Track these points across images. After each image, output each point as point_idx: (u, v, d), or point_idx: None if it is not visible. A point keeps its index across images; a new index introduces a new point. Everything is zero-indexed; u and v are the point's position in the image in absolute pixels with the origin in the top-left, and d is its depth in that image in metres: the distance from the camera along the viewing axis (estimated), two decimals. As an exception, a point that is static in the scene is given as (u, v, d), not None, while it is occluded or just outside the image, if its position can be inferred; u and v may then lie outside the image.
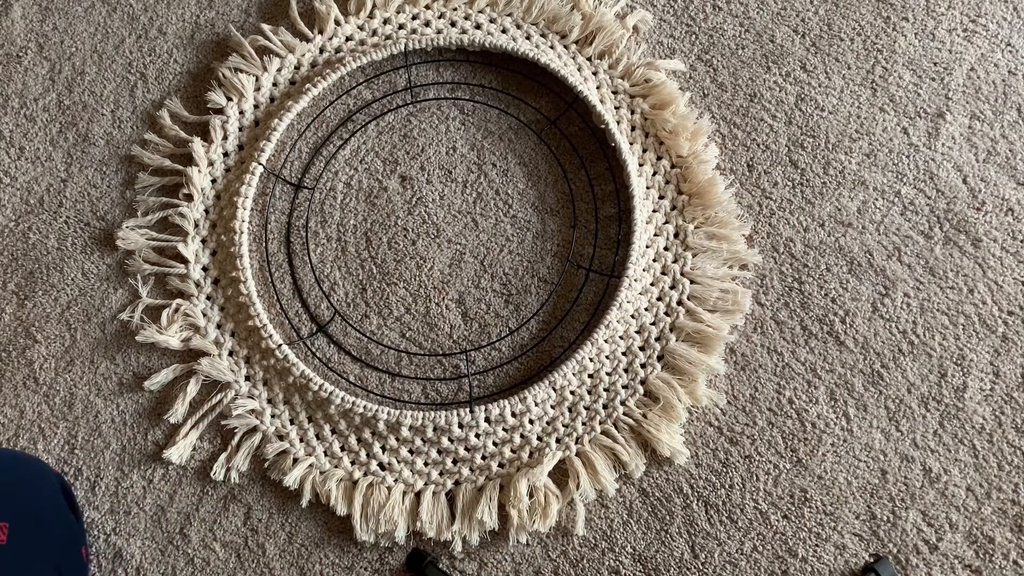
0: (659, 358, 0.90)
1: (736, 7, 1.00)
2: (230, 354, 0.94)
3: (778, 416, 0.88)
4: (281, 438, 0.91)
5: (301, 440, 0.91)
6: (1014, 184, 0.92)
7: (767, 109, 0.97)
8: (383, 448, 0.89)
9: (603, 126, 0.94)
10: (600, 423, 0.88)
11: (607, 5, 1.00)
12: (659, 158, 0.95)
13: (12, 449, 0.91)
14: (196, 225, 0.97)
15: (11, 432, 0.93)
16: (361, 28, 1.02)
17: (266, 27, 1.02)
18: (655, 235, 0.93)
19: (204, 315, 0.95)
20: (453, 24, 1.01)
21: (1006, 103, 0.95)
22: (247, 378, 0.93)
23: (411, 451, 0.89)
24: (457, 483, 0.88)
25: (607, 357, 0.90)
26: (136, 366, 0.94)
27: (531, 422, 0.88)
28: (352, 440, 0.90)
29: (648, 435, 0.87)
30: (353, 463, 0.89)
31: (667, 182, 0.94)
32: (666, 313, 0.91)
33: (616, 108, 0.97)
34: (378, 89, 1.01)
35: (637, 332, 0.91)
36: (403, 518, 0.87)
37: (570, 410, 0.89)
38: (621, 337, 0.90)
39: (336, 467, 0.89)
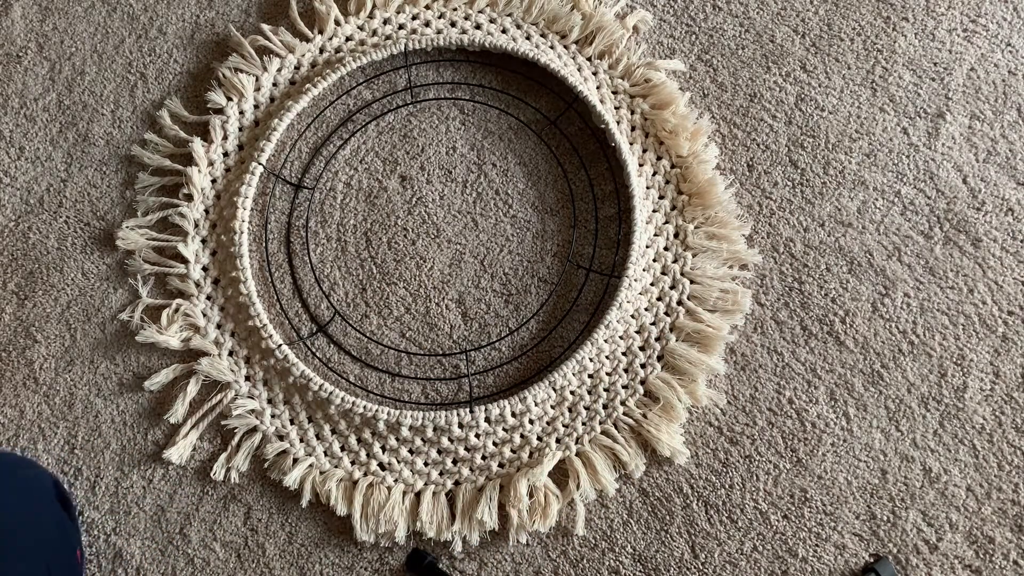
0: (659, 358, 0.90)
1: (736, 7, 1.00)
2: (230, 354, 0.94)
3: (778, 416, 0.88)
4: (281, 438, 0.91)
5: (301, 440, 0.91)
6: (1014, 184, 0.92)
7: (767, 109, 0.97)
8: (383, 448, 0.89)
9: (603, 126, 0.94)
10: (600, 423, 0.88)
11: (607, 5, 1.00)
12: (659, 158, 0.95)
13: (6, 451, 0.91)
14: (196, 225, 0.97)
15: (11, 432, 0.93)
16: (361, 28, 1.02)
17: (266, 27, 1.02)
18: (655, 235, 0.93)
19: (204, 315, 0.95)
20: (453, 24, 1.01)
21: (1006, 103, 0.95)
22: (247, 378, 0.93)
23: (411, 451, 0.89)
24: (457, 483, 0.88)
25: (607, 357, 0.90)
26: (136, 366, 0.94)
27: (531, 422, 0.88)
28: (352, 440, 0.90)
29: (648, 435, 0.87)
30: (353, 463, 0.89)
31: (667, 182, 0.94)
32: (666, 313, 0.91)
33: (616, 108, 0.97)
34: (378, 89, 1.01)
35: (637, 332, 0.90)
36: (403, 518, 0.87)
37: (570, 410, 0.89)
38: (621, 337, 0.90)
39: (336, 467, 0.89)
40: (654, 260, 0.92)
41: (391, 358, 0.93)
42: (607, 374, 0.89)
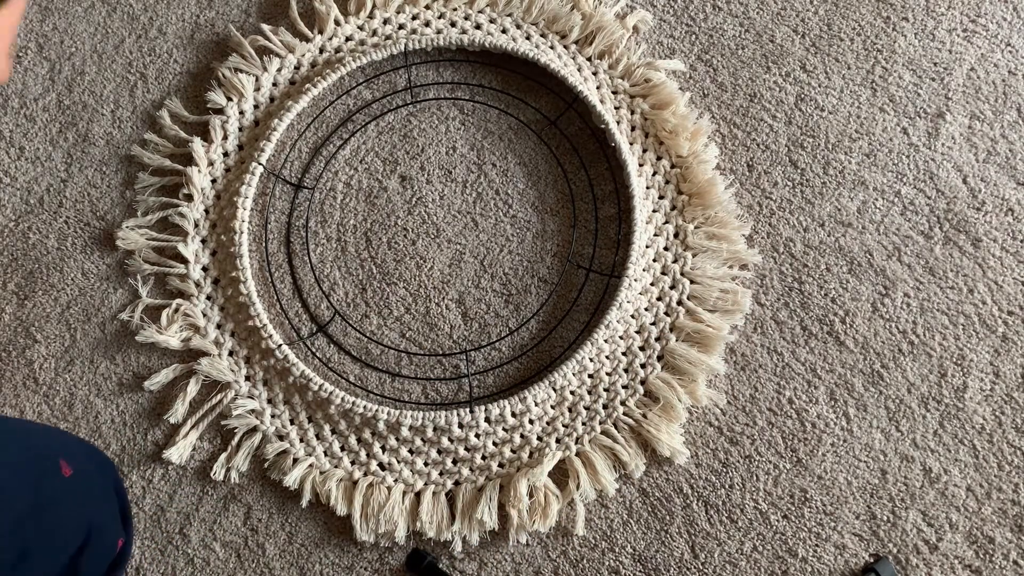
0: (659, 358, 0.90)
1: (736, 7, 1.00)
2: (230, 354, 0.94)
3: (778, 416, 0.88)
4: (281, 438, 0.91)
5: (301, 440, 0.91)
6: (1014, 184, 0.92)
7: (767, 109, 0.97)
8: (383, 448, 0.89)
9: (603, 126, 0.94)
10: (600, 423, 0.88)
11: (607, 5, 1.00)
12: (659, 158, 0.95)
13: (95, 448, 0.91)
14: (196, 225, 0.97)
15: (11, 432, 0.93)
16: (361, 28, 1.02)
17: (266, 27, 1.02)
18: (655, 235, 0.93)
19: (204, 315, 0.95)
20: (453, 24, 1.01)
21: (1006, 103, 0.95)
22: (247, 378, 0.93)
23: (411, 451, 0.89)
24: (457, 483, 0.88)
25: (607, 357, 0.90)
26: (136, 366, 0.94)
27: (531, 422, 0.88)
28: (352, 440, 0.90)
29: (648, 435, 0.87)
30: (353, 463, 0.89)
31: (667, 182, 0.94)
32: (666, 313, 0.91)
33: (616, 108, 0.97)
34: (378, 89, 1.01)
35: (637, 332, 0.90)
36: (403, 518, 0.87)
37: (570, 410, 0.89)
38: (621, 337, 0.90)
39: (336, 467, 0.89)
40: (654, 260, 0.92)
41: (391, 358, 0.93)
42: (607, 374, 0.89)
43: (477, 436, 0.89)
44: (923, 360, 0.88)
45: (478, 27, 1.00)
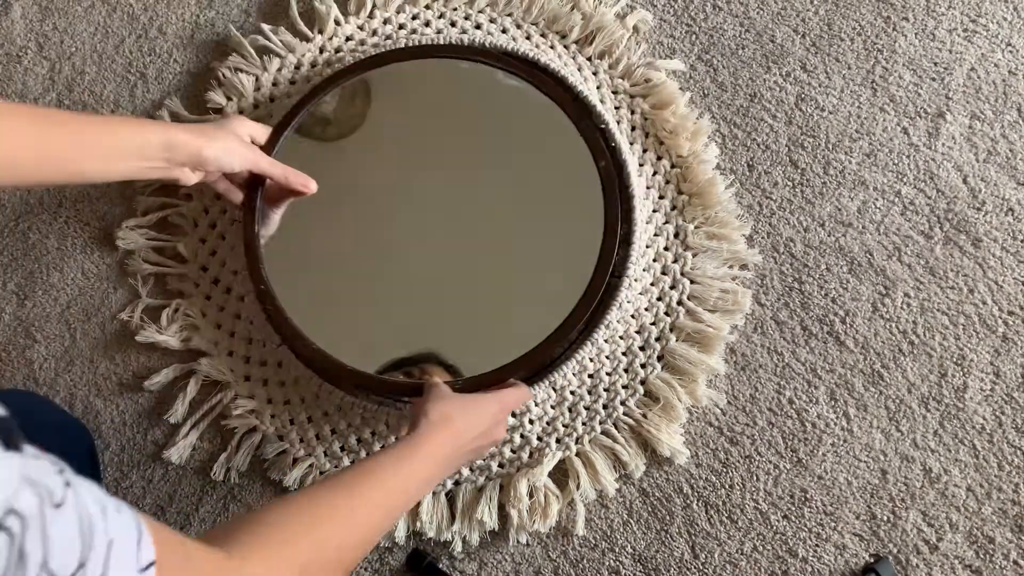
0: (659, 358, 0.90)
1: (736, 7, 1.00)
2: (229, 354, 0.94)
3: (778, 416, 0.88)
4: (281, 438, 0.91)
5: (301, 440, 0.90)
6: (1014, 184, 0.92)
7: (767, 109, 0.97)
8: (383, 448, 0.89)
9: (603, 126, 0.94)
10: (600, 423, 0.88)
11: (607, 5, 1.00)
12: (659, 158, 0.95)
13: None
14: (196, 224, 0.97)
15: (11, 432, 0.93)
16: (361, 28, 1.02)
17: (266, 27, 1.02)
18: (655, 235, 0.93)
19: (203, 315, 0.95)
20: (453, 24, 1.01)
21: (1006, 103, 0.95)
22: (247, 378, 0.93)
23: (411, 451, 0.89)
24: (457, 483, 0.88)
25: (607, 357, 0.89)
26: (136, 366, 0.94)
27: (531, 422, 0.88)
28: (352, 440, 0.90)
29: (648, 435, 0.87)
30: (353, 463, 0.89)
31: (667, 182, 0.94)
32: (666, 313, 0.91)
33: (616, 108, 0.97)
34: (378, 89, 1.01)
35: (637, 332, 0.90)
36: (403, 518, 0.86)
37: (570, 410, 0.89)
38: (621, 337, 0.90)
39: (336, 467, 0.89)
40: (654, 260, 0.92)
41: (391, 358, 0.93)
42: (607, 374, 0.89)
43: (477, 436, 0.88)
44: (923, 360, 0.88)
45: (478, 27, 1.00)
